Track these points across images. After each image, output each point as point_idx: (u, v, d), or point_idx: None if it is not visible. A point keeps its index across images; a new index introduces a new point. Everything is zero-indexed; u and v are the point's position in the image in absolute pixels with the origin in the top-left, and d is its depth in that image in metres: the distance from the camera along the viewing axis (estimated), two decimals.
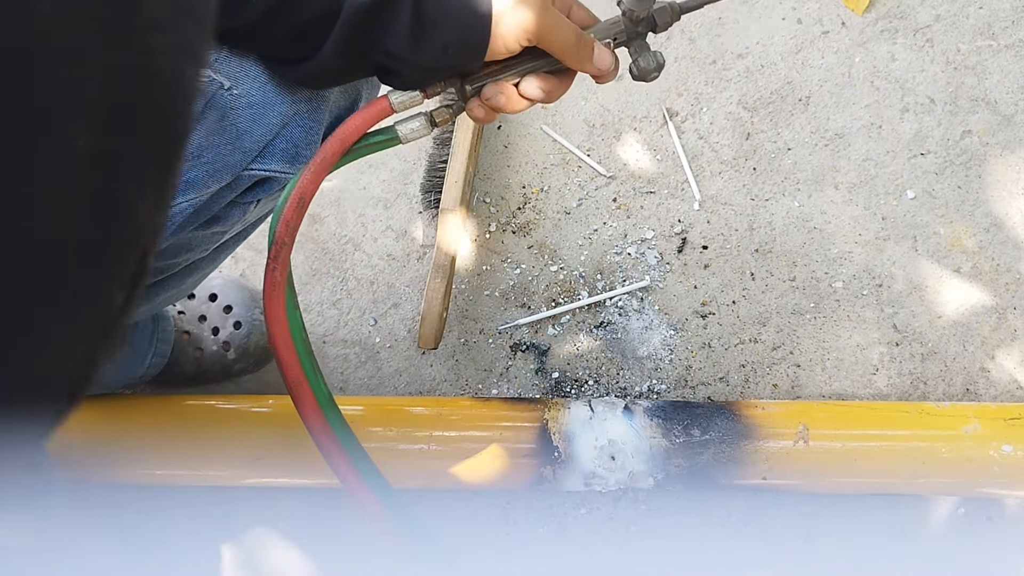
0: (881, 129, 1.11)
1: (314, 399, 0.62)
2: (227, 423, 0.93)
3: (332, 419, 0.64)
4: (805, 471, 0.86)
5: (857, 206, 1.09)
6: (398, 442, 0.89)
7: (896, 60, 1.14)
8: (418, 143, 1.18)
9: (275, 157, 0.63)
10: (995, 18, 1.14)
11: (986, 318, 1.02)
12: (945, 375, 1.01)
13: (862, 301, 1.05)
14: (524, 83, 0.58)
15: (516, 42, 0.55)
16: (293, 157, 0.62)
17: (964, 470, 0.84)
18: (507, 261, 1.11)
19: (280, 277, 0.57)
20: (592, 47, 0.57)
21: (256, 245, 1.15)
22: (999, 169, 1.08)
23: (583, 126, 1.16)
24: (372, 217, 1.15)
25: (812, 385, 1.02)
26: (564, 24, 0.55)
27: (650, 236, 1.10)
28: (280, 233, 0.57)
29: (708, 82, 1.16)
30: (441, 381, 1.06)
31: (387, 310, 1.10)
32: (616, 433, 0.86)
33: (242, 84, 0.57)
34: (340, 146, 0.58)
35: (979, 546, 0.92)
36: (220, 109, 0.57)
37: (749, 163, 1.12)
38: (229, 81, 0.57)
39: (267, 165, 0.63)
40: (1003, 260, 1.04)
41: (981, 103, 1.11)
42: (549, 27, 0.54)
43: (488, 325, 1.08)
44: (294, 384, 0.60)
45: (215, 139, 0.58)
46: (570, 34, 0.55)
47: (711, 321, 1.06)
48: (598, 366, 1.04)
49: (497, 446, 0.87)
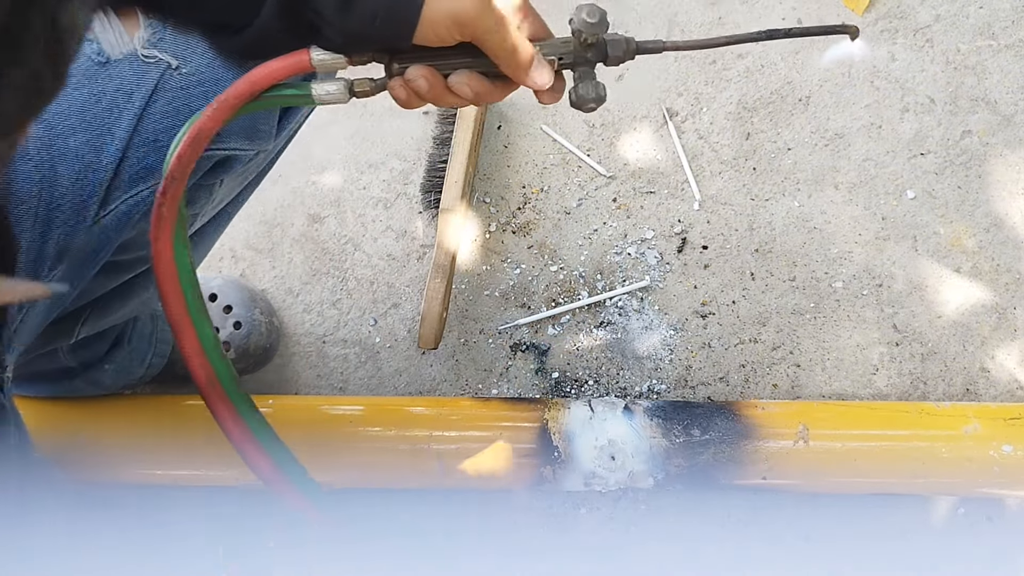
0: (881, 129, 1.11)
1: (196, 340, 0.59)
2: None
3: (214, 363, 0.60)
4: (805, 471, 0.86)
5: (857, 206, 1.09)
6: (398, 442, 0.89)
7: (896, 60, 1.14)
8: (418, 144, 1.18)
9: (233, 135, 0.61)
10: (995, 18, 1.14)
11: (986, 318, 1.02)
12: (945, 375, 1.01)
13: (862, 301, 1.05)
14: (454, 76, 0.54)
15: (447, 31, 0.51)
16: (252, 133, 0.61)
17: (964, 470, 0.84)
18: (507, 261, 1.11)
19: (168, 213, 0.55)
20: (531, 59, 0.53)
21: (256, 245, 1.15)
22: (999, 169, 1.08)
23: (583, 126, 1.16)
24: (372, 217, 1.15)
25: (812, 385, 1.02)
26: (504, 28, 0.51)
27: (650, 236, 1.10)
28: (172, 167, 0.55)
29: (708, 82, 1.16)
30: (441, 381, 1.06)
31: (387, 310, 1.10)
32: (616, 433, 0.86)
33: (190, 62, 0.56)
34: (249, 88, 0.54)
35: (979, 546, 0.92)
36: (171, 91, 0.56)
37: (749, 163, 1.12)
38: (176, 60, 0.56)
39: (226, 144, 0.62)
40: (1003, 260, 1.04)
41: (981, 103, 1.11)
42: (485, 28, 0.51)
43: (488, 325, 1.08)
44: (176, 321, 0.58)
45: (170, 122, 0.57)
46: (508, 39, 0.52)
47: (711, 321, 1.06)
48: (598, 366, 1.05)
49: (497, 446, 0.87)
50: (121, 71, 0.56)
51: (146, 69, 0.56)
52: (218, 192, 0.66)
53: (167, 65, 0.56)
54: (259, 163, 0.70)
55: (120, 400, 0.95)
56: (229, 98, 0.54)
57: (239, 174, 0.66)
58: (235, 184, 0.69)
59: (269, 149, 0.65)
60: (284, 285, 1.13)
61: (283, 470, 0.65)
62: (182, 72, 0.56)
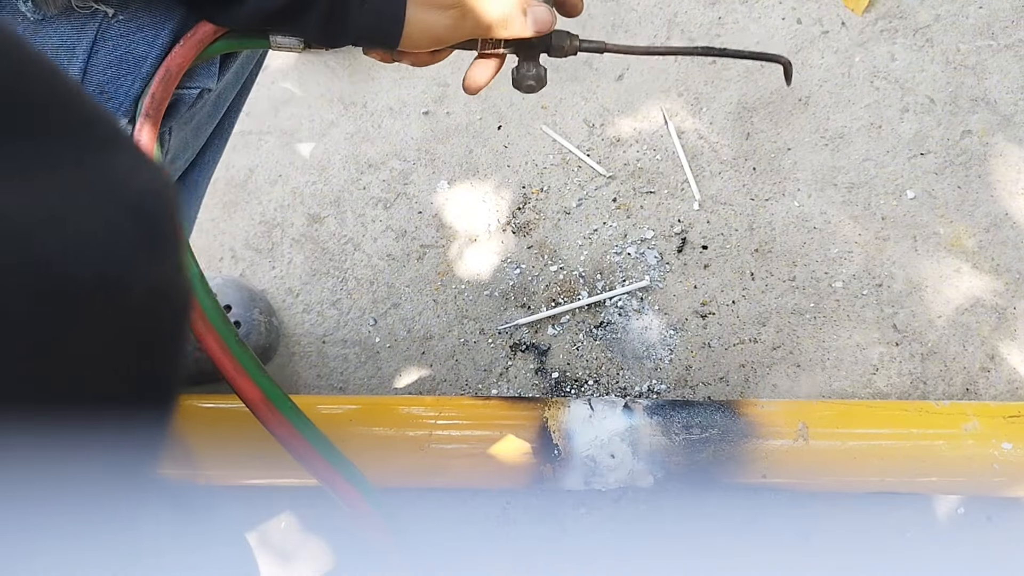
0: (881, 129, 1.11)
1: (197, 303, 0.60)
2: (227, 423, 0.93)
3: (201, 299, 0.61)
4: (805, 469, 0.86)
5: (857, 206, 1.09)
6: (398, 442, 0.89)
7: (896, 60, 1.14)
8: (418, 144, 1.18)
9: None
10: (995, 18, 1.14)
11: (986, 318, 1.02)
12: (945, 375, 1.01)
13: (862, 301, 1.05)
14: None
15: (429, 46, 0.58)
16: (192, 71, 0.61)
17: (964, 468, 0.84)
18: (507, 261, 1.11)
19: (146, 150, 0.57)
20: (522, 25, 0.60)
21: (256, 245, 1.15)
22: (999, 169, 1.08)
23: (583, 126, 1.16)
24: (372, 217, 1.15)
25: (812, 385, 1.02)
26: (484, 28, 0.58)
27: (650, 236, 1.10)
28: (146, 106, 0.57)
29: (708, 82, 1.16)
30: (441, 381, 1.06)
31: (387, 310, 1.10)
32: (616, 431, 0.86)
33: (127, 8, 0.56)
34: (213, 28, 0.58)
35: (979, 545, 0.92)
36: (112, 39, 0.56)
37: (749, 163, 1.12)
38: (112, 8, 0.56)
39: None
40: (1003, 260, 1.04)
41: (981, 103, 1.11)
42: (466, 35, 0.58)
43: (488, 325, 1.08)
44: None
45: (114, 71, 0.57)
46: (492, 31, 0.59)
47: (711, 321, 1.06)
48: (598, 366, 1.04)
49: (497, 445, 0.87)
50: (59, 27, 0.55)
51: (84, 21, 0.55)
52: (169, 143, 0.65)
53: (104, 14, 0.56)
54: (208, 110, 0.69)
55: None
56: (195, 37, 0.57)
57: (186, 120, 0.65)
58: (187, 134, 0.68)
59: (212, 89, 0.64)
60: (284, 285, 1.13)
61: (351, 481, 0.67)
62: (119, 19, 0.56)
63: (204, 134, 0.72)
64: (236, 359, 0.61)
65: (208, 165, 0.76)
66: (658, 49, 0.64)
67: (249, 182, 1.21)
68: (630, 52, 0.65)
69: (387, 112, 1.22)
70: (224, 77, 0.66)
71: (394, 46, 0.57)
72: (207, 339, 0.61)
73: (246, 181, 1.21)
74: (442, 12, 0.56)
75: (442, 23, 0.56)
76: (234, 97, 0.73)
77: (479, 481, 0.91)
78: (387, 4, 0.55)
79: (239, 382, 0.62)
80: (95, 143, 0.29)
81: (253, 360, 0.63)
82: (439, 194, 1.16)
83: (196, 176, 0.75)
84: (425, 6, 0.56)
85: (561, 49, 0.63)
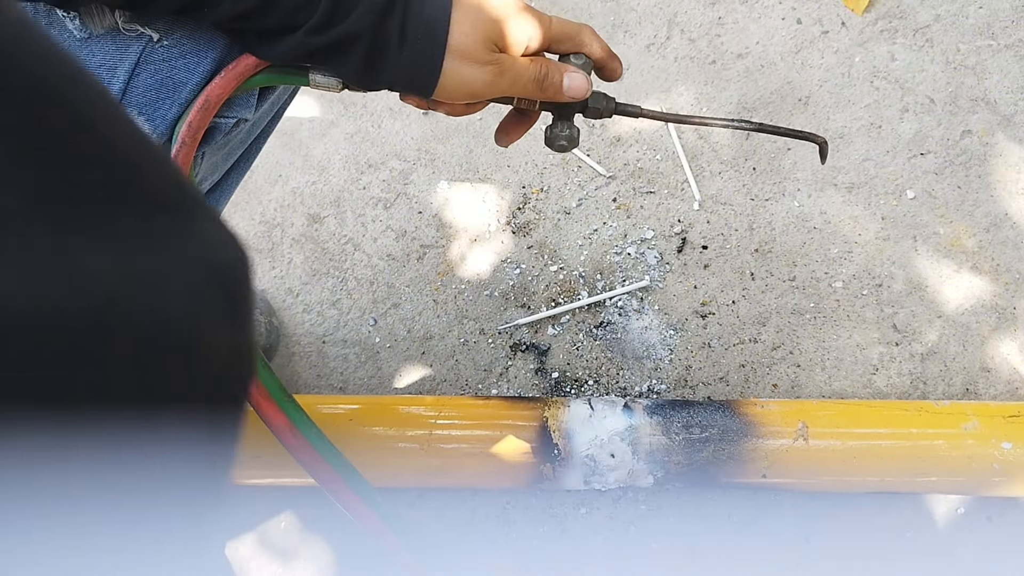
0: (881, 129, 1.11)
1: None
2: None
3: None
4: (805, 469, 0.86)
5: (857, 206, 1.09)
6: (398, 441, 0.89)
7: (896, 60, 1.14)
8: (418, 144, 1.18)
9: None
10: (995, 18, 1.14)
11: (986, 318, 1.02)
12: (945, 375, 1.01)
13: (862, 301, 1.05)
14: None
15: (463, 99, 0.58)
16: (231, 101, 0.62)
17: (964, 468, 0.84)
18: (507, 261, 1.11)
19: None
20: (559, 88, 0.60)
21: (256, 245, 1.15)
22: (999, 169, 1.08)
23: (583, 126, 1.16)
24: (372, 217, 1.15)
25: (812, 385, 1.02)
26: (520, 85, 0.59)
27: (650, 236, 1.10)
28: (183, 134, 0.58)
29: (708, 82, 1.16)
30: (441, 381, 1.06)
31: (387, 310, 1.10)
32: (616, 431, 0.86)
33: (171, 35, 0.57)
34: (255, 61, 0.59)
35: (979, 545, 0.92)
36: (154, 63, 0.57)
37: (749, 163, 1.12)
38: (158, 33, 0.56)
39: None
40: (1003, 260, 1.04)
41: (981, 103, 1.11)
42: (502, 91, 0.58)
43: (488, 325, 1.08)
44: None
45: (154, 94, 0.58)
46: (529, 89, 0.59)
47: (711, 321, 1.06)
48: (598, 366, 1.04)
49: (497, 445, 0.87)
50: (104, 46, 0.56)
51: (128, 43, 0.56)
52: (200, 166, 0.66)
53: (149, 38, 0.56)
54: (241, 137, 0.70)
55: None
56: (237, 69, 0.58)
57: (220, 146, 0.66)
58: (218, 159, 0.69)
59: (249, 120, 0.65)
60: (284, 285, 1.13)
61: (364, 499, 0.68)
62: (163, 44, 0.57)
63: (233, 158, 0.73)
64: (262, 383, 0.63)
65: (231, 186, 0.77)
66: (693, 119, 0.63)
67: (249, 182, 1.21)
68: (665, 119, 0.64)
69: (387, 112, 1.22)
70: (261, 107, 0.67)
71: (428, 95, 0.58)
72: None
73: (246, 181, 1.21)
74: (480, 68, 0.56)
75: (479, 78, 0.56)
76: (265, 124, 0.74)
77: (479, 481, 0.91)
78: (425, 53, 0.55)
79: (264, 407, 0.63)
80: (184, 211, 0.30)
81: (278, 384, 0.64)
82: (439, 194, 1.16)
83: (218, 195, 0.76)
84: (463, 60, 0.56)
85: (597, 112, 0.63)
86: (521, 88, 0.59)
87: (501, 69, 0.57)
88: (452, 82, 0.57)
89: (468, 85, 0.57)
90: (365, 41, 0.55)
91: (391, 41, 0.55)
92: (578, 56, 0.61)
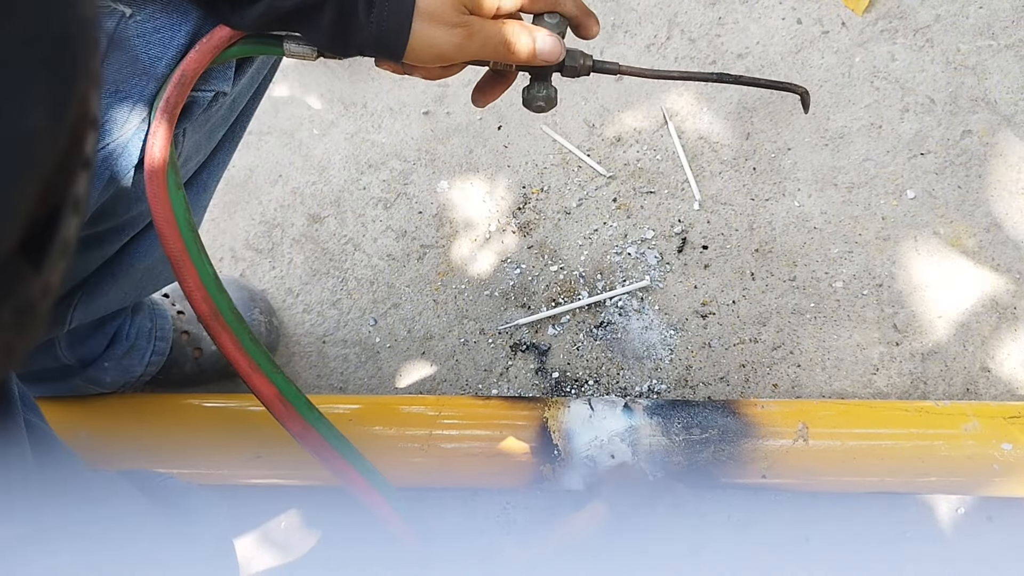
0: (881, 129, 1.11)
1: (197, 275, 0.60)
2: (227, 422, 0.93)
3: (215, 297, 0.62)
4: (805, 469, 0.86)
5: (857, 206, 1.09)
6: (398, 441, 0.89)
7: (896, 60, 1.14)
8: (418, 144, 1.18)
9: None
10: (995, 18, 1.14)
11: (986, 318, 1.02)
12: (945, 375, 1.01)
13: (862, 301, 1.05)
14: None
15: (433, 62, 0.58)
16: (207, 74, 0.61)
17: (964, 468, 0.84)
18: (507, 261, 1.11)
19: (160, 153, 0.59)
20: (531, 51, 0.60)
21: (256, 245, 1.15)
22: (999, 169, 1.08)
23: (583, 126, 1.16)
24: (372, 217, 1.15)
25: (812, 385, 1.02)
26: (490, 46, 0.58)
27: (650, 236, 1.10)
28: (161, 109, 0.58)
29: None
30: (441, 381, 1.06)
31: (387, 310, 1.10)
32: (616, 431, 0.86)
33: (144, 9, 0.56)
34: (229, 33, 0.59)
35: (979, 545, 0.92)
36: (128, 39, 0.56)
37: (749, 163, 1.12)
38: (130, 8, 0.56)
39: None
40: (1003, 260, 1.04)
41: (981, 103, 1.11)
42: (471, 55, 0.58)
43: (488, 325, 1.08)
44: (176, 259, 0.60)
45: (127, 71, 0.57)
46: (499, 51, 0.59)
47: (711, 321, 1.06)
48: (598, 366, 1.04)
49: (497, 445, 0.87)
50: None
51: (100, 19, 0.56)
52: (183, 145, 0.65)
53: (122, 14, 0.56)
54: (223, 113, 0.70)
55: (120, 400, 0.95)
56: (211, 41, 0.58)
57: (201, 123, 0.66)
58: (201, 137, 0.68)
59: (227, 93, 0.65)
60: (284, 285, 1.13)
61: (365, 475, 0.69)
62: (136, 19, 0.56)
63: (217, 137, 0.73)
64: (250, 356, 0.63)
65: (218, 167, 0.76)
66: (672, 74, 0.64)
67: (249, 182, 1.21)
68: (644, 75, 0.64)
69: (387, 112, 1.22)
70: (240, 81, 0.66)
71: (398, 59, 0.58)
72: (221, 337, 0.62)
73: (246, 181, 1.21)
74: (448, 30, 0.56)
75: (448, 41, 0.56)
76: (247, 101, 0.74)
77: (479, 481, 0.91)
78: (393, 17, 0.55)
79: (254, 379, 0.63)
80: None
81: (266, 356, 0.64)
82: (439, 194, 1.16)
83: (206, 177, 0.75)
84: (432, 22, 0.56)
85: (574, 70, 0.62)
86: (491, 51, 0.58)
87: (470, 32, 0.57)
88: (421, 45, 0.56)
89: (437, 48, 0.56)
90: (333, 4, 0.55)
91: (359, 4, 0.55)
92: (552, 15, 0.60)
